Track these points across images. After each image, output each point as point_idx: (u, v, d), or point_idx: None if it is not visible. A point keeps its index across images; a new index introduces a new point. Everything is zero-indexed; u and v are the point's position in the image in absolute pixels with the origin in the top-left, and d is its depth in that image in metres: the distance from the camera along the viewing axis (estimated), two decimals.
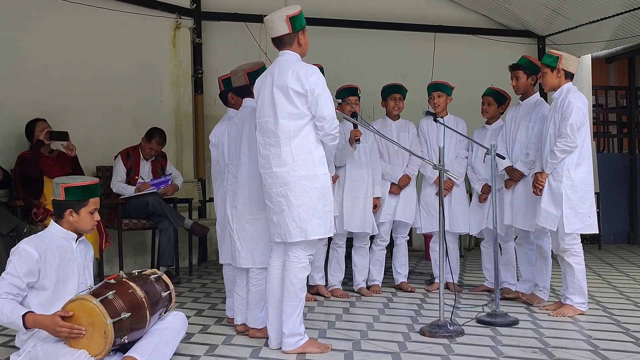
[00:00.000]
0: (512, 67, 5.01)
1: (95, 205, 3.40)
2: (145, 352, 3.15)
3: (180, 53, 7.07)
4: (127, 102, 6.71)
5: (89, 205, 3.37)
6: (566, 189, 4.43)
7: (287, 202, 3.55)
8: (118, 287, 3.14)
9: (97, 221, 3.43)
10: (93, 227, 3.45)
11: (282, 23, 3.59)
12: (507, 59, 5.35)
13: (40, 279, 3.22)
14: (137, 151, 6.16)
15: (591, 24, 7.49)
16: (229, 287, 4.28)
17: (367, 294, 5.30)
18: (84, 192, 3.35)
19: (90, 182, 3.43)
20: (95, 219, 3.41)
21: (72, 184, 3.35)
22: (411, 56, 7.95)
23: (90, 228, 3.43)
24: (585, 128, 4.49)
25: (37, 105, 5.95)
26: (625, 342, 3.82)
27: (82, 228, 3.39)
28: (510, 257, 5.24)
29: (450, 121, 5.36)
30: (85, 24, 6.44)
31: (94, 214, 3.40)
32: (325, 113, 3.53)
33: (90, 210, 3.38)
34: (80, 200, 3.34)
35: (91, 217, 3.39)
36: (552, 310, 4.55)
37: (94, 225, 3.45)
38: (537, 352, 3.63)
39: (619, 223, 9.01)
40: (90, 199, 3.37)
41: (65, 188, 3.33)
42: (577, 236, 4.50)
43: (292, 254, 3.61)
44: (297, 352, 3.59)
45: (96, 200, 3.41)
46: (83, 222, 3.37)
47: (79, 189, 3.35)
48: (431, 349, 3.70)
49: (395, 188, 5.41)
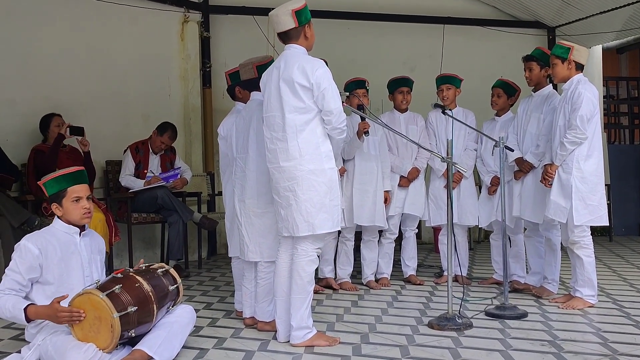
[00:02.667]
0: (526, 58, 4.98)
1: (76, 194, 3.28)
2: (154, 345, 3.17)
3: (188, 47, 7.08)
4: (135, 96, 6.73)
5: (69, 194, 3.27)
6: (576, 181, 4.40)
7: (295, 197, 3.54)
8: (125, 281, 3.16)
9: (85, 209, 3.30)
10: (83, 216, 3.32)
11: (288, 17, 3.57)
12: (516, 51, 5.33)
13: (44, 273, 3.24)
14: (146, 145, 6.18)
15: (602, 14, 7.42)
16: (238, 280, 4.29)
17: (375, 287, 5.30)
18: (60, 183, 3.28)
19: (65, 171, 3.33)
20: (82, 207, 3.29)
21: (46, 178, 3.30)
22: (420, 48, 7.92)
23: (80, 218, 3.31)
24: (596, 119, 4.45)
25: (48, 100, 5.98)
26: (636, 334, 3.80)
27: (72, 219, 3.31)
28: (520, 249, 5.21)
29: (459, 113, 5.34)
30: (94, 19, 6.45)
31: (80, 203, 3.29)
32: (332, 107, 3.52)
33: (72, 199, 3.28)
34: (60, 192, 3.28)
35: (76, 207, 3.28)
36: (562, 303, 4.54)
37: (84, 214, 3.31)
38: (546, 344, 3.61)
39: (630, 215, 8.95)
40: (68, 188, 3.28)
41: (43, 184, 3.30)
42: (587, 228, 4.48)
43: (301, 248, 3.62)
44: (306, 345, 3.60)
45: (77, 189, 3.29)
46: (69, 213, 3.30)
47: (54, 181, 3.29)
48: (439, 341, 3.70)
49: (404, 181, 5.40)
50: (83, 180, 3.37)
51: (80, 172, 3.38)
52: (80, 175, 3.37)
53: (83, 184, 3.35)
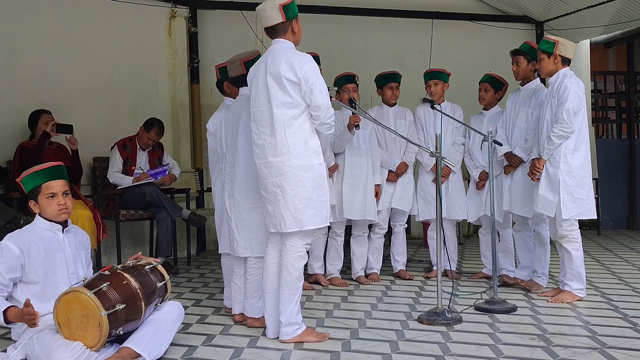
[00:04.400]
0: (514, 52, 4.99)
1: (50, 190, 3.23)
2: (142, 342, 3.15)
3: (176, 42, 7.03)
4: (123, 92, 6.68)
5: (42, 190, 3.23)
6: (563, 175, 4.41)
7: (283, 192, 3.53)
8: (112, 279, 3.13)
9: (61, 205, 3.25)
10: (59, 212, 3.26)
11: (275, 12, 3.55)
12: (505, 45, 5.34)
13: (27, 273, 3.20)
14: (133, 141, 6.13)
15: (589, 9, 7.44)
16: (227, 277, 4.28)
17: (365, 282, 5.30)
18: (35, 179, 3.24)
19: (40, 167, 3.28)
20: (57, 204, 3.24)
21: (22, 175, 3.25)
22: (409, 43, 7.91)
23: (56, 214, 3.26)
24: (582, 113, 4.47)
25: (34, 96, 5.94)
26: (624, 327, 3.82)
27: (48, 216, 3.27)
28: (509, 244, 5.23)
29: (446, 108, 5.34)
30: (81, 14, 6.41)
31: (55, 199, 3.24)
32: (320, 102, 3.50)
33: (46, 195, 3.23)
34: (35, 188, 3.24)
35: (50, 203, 3.23)
36: (551, 297, 4.55)
37: (59, 210, 3.26)
38: (535, 338, 3.62)
39: (618, 209, 9.00)
40: (42, 185, 3.23)
41: (20, 181, 3.25)
42: (575, 222, 4.49)
43: (289, 243, 3.60)
44: (295, 342, 3.59)
45: (52, 184, 3.23)
46: (44, 210, 3.26)
47: (29, 178, 3.24)
48: (429, 336, 3.70)
49: (392, 175, 5.40)
50: (60, 176, 3.30)
51: (56, 167, 3.31)
52: (56, 170, 3.30)
53: (59, 179, 3.29)
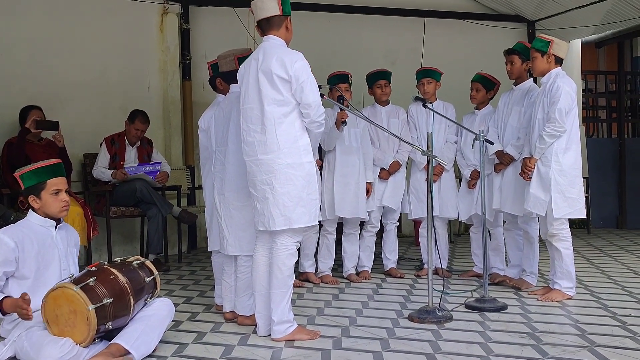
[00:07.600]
0: (508, 51, 4.99)
1: (56, 186, 3.27)
2: (131, 338, 3.14)
3: (167, 39, 6.99)
4: (114, 89, 6.65)
5: (48, 186, 3.25)
6: (555, 174, 4.43)
7: (272, 190, 3.52)
8: (99, 274, 3.12)
9: (65, 202, 3.29)
10: (62, 209, 3.31)
11: (273, 3, 3.53)
12: (496, 44, 5.35)
13: (20, 267, 3.19)
14: (122, 137, 6.11)
15: (581, 9, 7.47)
16: (218, 274, 4.26)
17: (356, 280, 5.30)
18: (39, 175, 3.25)
19: (43, 163, 3.30)
20: (61, 200, 3.28)
21: (24, 170, 3.26)
22: (401, 42, 7.91)
23: (59, 210, 3.30)
24: (574, 113, 4.49)
25: (24, 92, 5.91)
26: (613, 326, 3.84)
27: (51, 212, 3.29)
28: (499, 242, 5.25)
29: (439, 107, 5.35)
30: (73, 10, 6.37)
31: (59, 195, 3.27)
32: (311, 100, 3.49)
33: (52, 191, 3.26)
34: (38, 184, 3.25)
35: (55, 199, 3.27)
36: (541, 295, 4.57)
37: (63, 207, 3.30)
38: (525, 336, 3.64)
39: (608, 208, 9.04)
40: (48, 181, 3.26)
41: (20, 176, 3.26)
42: (566, 221, 4.51)
43: (280, 242, 3.59)
44: (286, 340, 3.58)
45: (57, 181, 3.28)
46: (48, 205, 3.27)
47: (32, 173, 3.25)
48: (420, 334, 3.70)
49: (384, 173, 5.40)
50: (61, 173, 3.35)
51: (58, 164, 3.35)
52: (58, 168, 3.35)
53: (61, 176, 3.33)
